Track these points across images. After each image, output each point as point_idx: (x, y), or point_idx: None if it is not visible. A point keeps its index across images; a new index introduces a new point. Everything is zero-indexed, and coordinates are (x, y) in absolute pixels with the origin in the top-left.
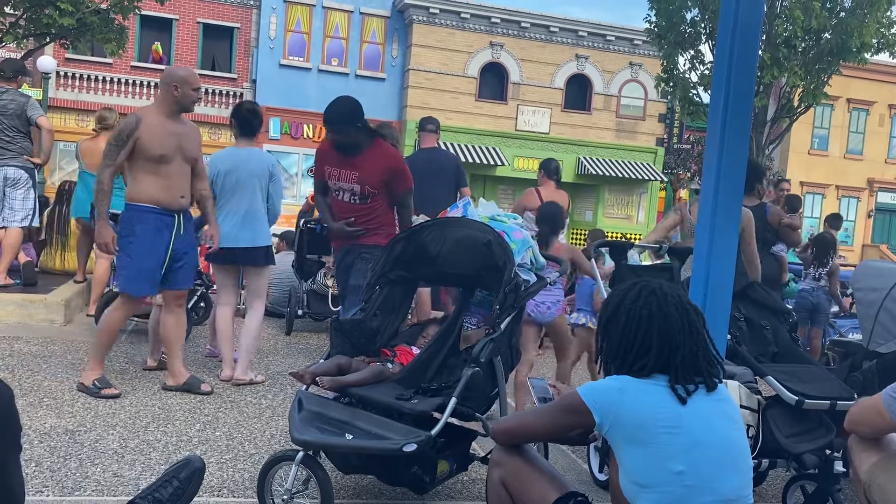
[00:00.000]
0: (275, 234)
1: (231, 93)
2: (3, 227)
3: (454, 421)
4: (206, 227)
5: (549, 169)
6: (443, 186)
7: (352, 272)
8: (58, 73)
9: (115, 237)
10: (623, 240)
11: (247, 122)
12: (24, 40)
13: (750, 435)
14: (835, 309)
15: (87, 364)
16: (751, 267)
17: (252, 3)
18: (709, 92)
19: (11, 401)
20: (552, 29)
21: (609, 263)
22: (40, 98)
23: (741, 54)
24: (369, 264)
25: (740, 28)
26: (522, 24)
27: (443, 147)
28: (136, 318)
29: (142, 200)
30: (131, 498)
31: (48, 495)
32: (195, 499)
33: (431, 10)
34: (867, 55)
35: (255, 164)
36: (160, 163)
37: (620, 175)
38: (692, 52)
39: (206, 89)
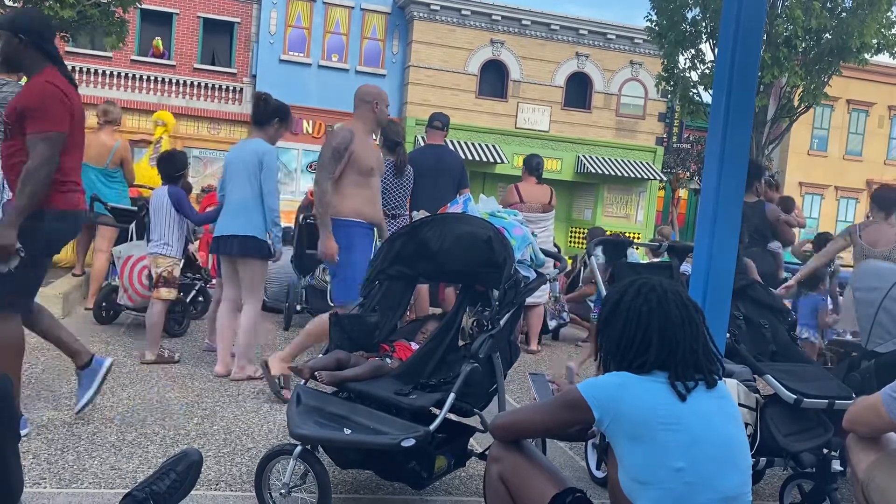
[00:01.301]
0: None
1: (231, 87)
2: None
3: (452, 417)
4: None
5: (531, 165)
6: (447, 185)
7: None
8: None
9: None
10: (622, 237)
11: (254, 109)
12: None
13: (748, 433)
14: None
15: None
16: None
17: None
18: (709, 91)
19: (10, 390)
20: (553, 27)
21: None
22: None
23: (743, 53)
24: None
25: (742, 27)
26: (523, 22)
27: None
28: (133, 312)
29: (350, 215)
30: (128, 490)
31: (46, 487)
32: (192, 492)
33: (432, 7)
34: (867, 56)
35: (248, 154)
36: (369, 175)
37: (620, 174)
38: (693, 52)
39: (206, 84)
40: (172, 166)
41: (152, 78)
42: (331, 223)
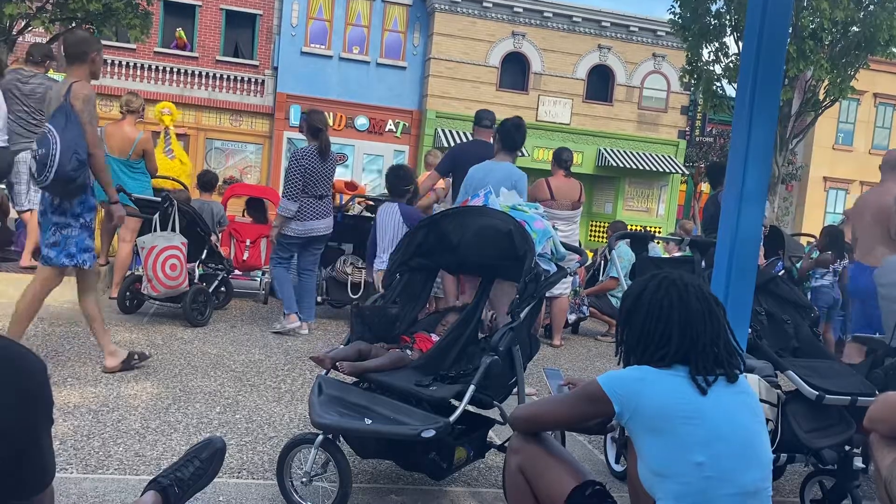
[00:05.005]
0: None
1: (253, 79)
2: (30, 210)
3: (472, 408)
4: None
5: (560, 158)
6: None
7: None
8: None
9: None
10: (644, 231)
11: (507, 136)
12: (52, 24)
13: (769, 429)
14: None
15: None
16: None
17: None
18: (733, 85)
19: (45, 375)
20: (575, 19)
21: None
22: None
23: (769, 47)
24: None
25: (768, 20)
26: (545, 14)
27: (462, 137)
28: (157, 302)
29: None
30: (153, 477)
31: (72, 472)
32: (214, 480)
33: None
34: (895, 49)
35: (502, 176)
36: None
37: (641, 167)
38: (716, 45)
39: (228, 76)
40: (405, 180)
41: (175, 70)
42: None
